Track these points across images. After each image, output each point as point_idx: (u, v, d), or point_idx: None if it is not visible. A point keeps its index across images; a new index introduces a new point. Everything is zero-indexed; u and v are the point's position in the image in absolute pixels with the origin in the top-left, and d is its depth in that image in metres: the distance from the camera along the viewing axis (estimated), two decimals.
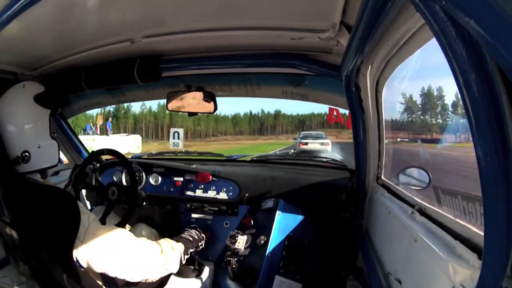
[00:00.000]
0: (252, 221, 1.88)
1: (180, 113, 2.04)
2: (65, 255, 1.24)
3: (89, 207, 2.22)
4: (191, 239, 1.63)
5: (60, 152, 1.58)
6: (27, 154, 1.35)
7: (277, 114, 59.37)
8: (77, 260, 1.24)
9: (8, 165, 1.31)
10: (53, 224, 1.27)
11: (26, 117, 1.37)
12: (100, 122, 22.00)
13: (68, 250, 1.23)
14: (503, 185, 0.53)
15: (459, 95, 0.55)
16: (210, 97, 2.01)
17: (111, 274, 1.28)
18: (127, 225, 1.83)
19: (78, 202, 1.31)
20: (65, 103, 2.22)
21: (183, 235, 1.66)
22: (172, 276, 1.68)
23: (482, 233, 0.62)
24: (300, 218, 1.81)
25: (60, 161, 1.54)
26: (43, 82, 1.50)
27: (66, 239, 1.24)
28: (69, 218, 1.26)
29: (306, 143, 15.76)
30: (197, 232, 1.71)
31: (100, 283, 1.34)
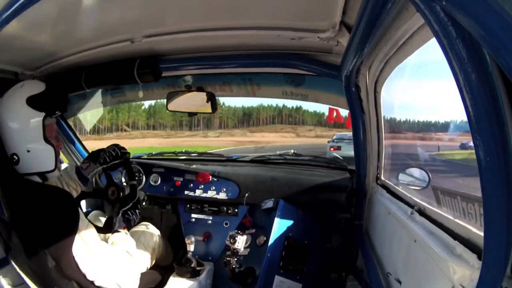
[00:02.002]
0: (251, 221, 1.88)
1: None
2: (64, 255, 1.25)
3: (84, 209, 2.21)
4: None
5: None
6: (15, 157, 1.33)
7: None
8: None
9: (6, 165, 1.31)
10: (53, 224, 1.27)
11: (16, 119, 1.34)
12: None
13: (67, 250, 1.24)
14: (503, 185, 0.53)
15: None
16: (210, 97, 2.01)
17: (98, 284, 1.32)
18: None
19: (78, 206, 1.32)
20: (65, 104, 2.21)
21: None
22: (171, 276, 1.68)
23: (482, 234, 0.62)
24: (300, 218, 1.81)
25: (61, 161, 1.53)
26: (44, 82, 1.49)
27: (65, 239, 1.24)
28: (69, 219, 1.27)
29: (339, 147, 11.92)
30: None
31: None
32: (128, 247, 1.54)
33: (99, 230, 1.48)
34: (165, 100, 2.07)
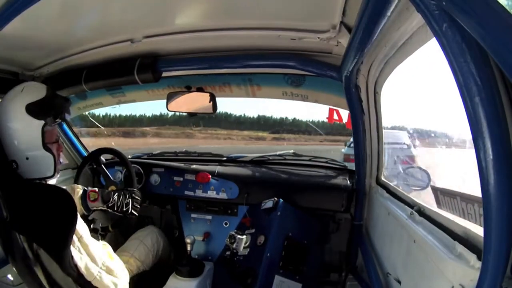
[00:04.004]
0: (251, 221, 1.88)
1: None
2: (62, 255, 1.25)
3: None
4: None
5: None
6: (14, 164, 1.30)
7: None
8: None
9: (4, 167, 1.30)
10: (51, 223, 1.27)
11: (14, 125, 1.30)
12: None
13: (65, 250, 1.24)
14: (503, 186, 0.54)
15: None
16: (210, 98, 2.01)
17: (95, 284, 1.32)
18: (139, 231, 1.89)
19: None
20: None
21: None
22: (171, 276, 1.69)
23: (482, 234, 0.62)
24: (299, 218, 1.81)
25: (60, 162, 1.52)
26: (44, 83, 1.48)
27: (63, 239, 1.25)
28: (67, 219, 1.27)
29: None
30: None
31: None
32: (124, 248, 1.57)
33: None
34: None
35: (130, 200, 1.65)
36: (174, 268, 1.72)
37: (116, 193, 1.65)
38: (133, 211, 1.66)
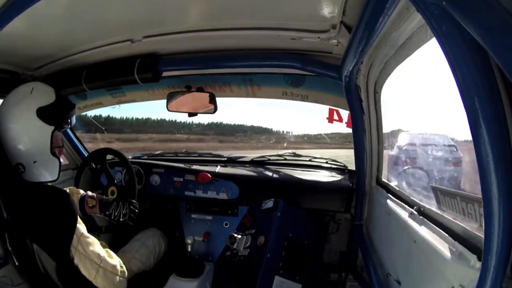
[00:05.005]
0: (251, 222, 1.88)
1: None
2: (62, 255, 1.25)
3: None
4: None
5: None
6: (21, 167, 1.29)
7: None
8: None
9: (7, 169, 1.30)
10: (51, 224, 1.27)
11: (24, 129, 1.29)
12: None
13: (65, 251, 1.24)
14: (503, 186, 0.53)
15: None
16: (210, 98, 2.01)
17: (96, 284, 1.32)
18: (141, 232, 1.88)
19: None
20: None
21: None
22: (171, 276, 1.69)
23: (482, 234, 0.62)
24: (299, 218, 1.81)
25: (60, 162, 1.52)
26: (47, 83, 1.46)
27: (63, 240, 1.25)
28: (67, 220, 1.27)
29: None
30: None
31: None
32: (126, 250, 1.58)
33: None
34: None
35: (128, 211, 1.66)
36: (175, 268, 1.72)
37: (114, 203, 1.65)
38: (129, 222, 1.67)
